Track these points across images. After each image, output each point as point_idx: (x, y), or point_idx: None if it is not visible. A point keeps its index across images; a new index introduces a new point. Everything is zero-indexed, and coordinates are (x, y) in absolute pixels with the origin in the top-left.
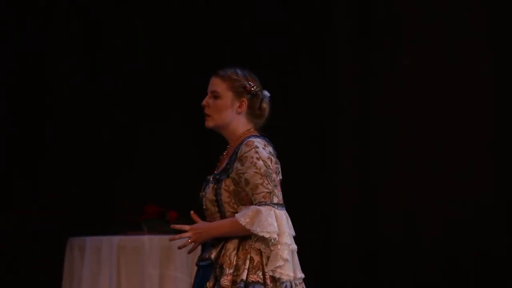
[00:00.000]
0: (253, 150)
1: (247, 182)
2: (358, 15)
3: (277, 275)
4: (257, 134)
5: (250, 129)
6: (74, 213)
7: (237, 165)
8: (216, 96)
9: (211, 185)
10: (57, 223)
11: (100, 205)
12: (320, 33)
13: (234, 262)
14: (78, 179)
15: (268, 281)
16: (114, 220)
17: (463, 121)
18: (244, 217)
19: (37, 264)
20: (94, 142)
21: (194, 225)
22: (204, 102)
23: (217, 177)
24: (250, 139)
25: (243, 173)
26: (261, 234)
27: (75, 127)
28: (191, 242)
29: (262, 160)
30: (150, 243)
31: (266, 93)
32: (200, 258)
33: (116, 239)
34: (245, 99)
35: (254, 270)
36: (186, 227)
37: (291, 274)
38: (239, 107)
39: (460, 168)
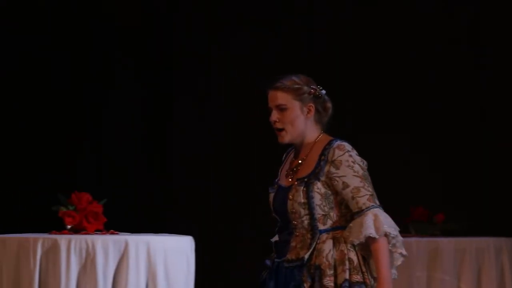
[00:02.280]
0: (347, 154)
1: (345, 185)
2: None
3: (393, 276)
4: (334, 138)
5: (321, 131)
6: None
7: (329, 168)
8: (283, 108)
9: (299, 188)
10: None
11: None
12: None
13: (332, 263)
14: None
15: (368, 281)
16: None
17: None
18: (373, 232)
19: None
20: None
21: None
22: (273, 118)
23: (306, 180)
24: (337, 142)
25: (340, 177)
26: (387, 230)
27: None
28: None
29: (358, 164)
30: (417, 245)
31: (324, 91)
32: (285, 259)
33: None
34: (311, 104)
35: (355, 271)
36: None
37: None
38: (308, 113)
39: None
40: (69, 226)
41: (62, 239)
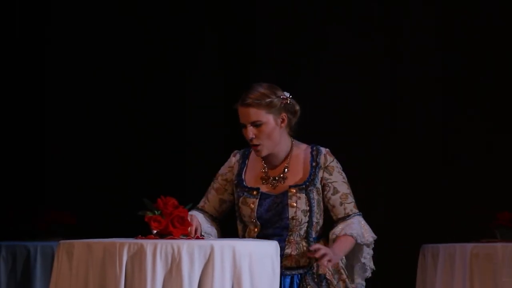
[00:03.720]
0: (335, 160)
1: (336, 191)
2: None
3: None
4: (309, 143)
5: (291, 136)
6: (430, 219)
7: (323, 174)
8: (258, 124)
9: (301, 195)
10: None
11: (452, 211)
12: None
13: (333, 273)
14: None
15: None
16: (466, 227)
17: None
18: (359, 236)
19: (390, 270)
20: None
21: (325, 248)
22: (250, 135)
23: (304, 187)
24: (323, 148)
25: (332, 182)
26: (370, 239)
27: None
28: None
29: (342, 170)
30: (503, 250)
31: (288, 94)
32: (284, 266)
33: (469, 246)
34: (284, 113)
35: (349, 279)
36: (318, 246)
37: None
38: (282, 122)
39: None
40: (155, 231)
41: (148, 244)
